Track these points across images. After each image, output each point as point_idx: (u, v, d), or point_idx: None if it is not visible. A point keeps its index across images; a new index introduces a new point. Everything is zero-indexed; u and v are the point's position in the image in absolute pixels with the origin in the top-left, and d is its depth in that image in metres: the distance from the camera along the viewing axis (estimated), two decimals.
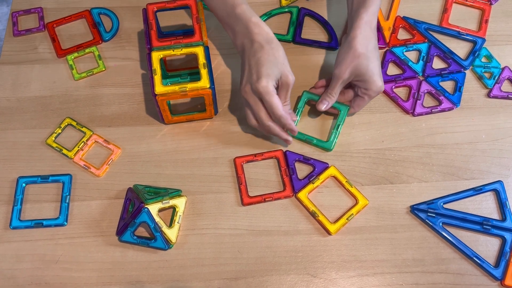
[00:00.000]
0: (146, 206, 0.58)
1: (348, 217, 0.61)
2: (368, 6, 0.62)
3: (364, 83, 0.62)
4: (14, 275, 0.58)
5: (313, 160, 0.64)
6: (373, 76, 0.61)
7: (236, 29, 0.61)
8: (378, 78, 0.62)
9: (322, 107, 0.65)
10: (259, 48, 0.58)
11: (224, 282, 0.58)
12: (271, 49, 0.58)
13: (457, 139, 0.67)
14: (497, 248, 0.60)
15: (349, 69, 0.61)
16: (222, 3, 0.62)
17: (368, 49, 0.61)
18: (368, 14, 0.62)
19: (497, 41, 0.74)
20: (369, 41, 0.61)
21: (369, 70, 0.61)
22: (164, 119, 0.66)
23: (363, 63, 0.61)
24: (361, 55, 0.60)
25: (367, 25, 0.62)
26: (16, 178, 0.63)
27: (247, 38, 0.60)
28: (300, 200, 0.62)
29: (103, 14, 0.77)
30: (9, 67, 0.72)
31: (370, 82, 0.62)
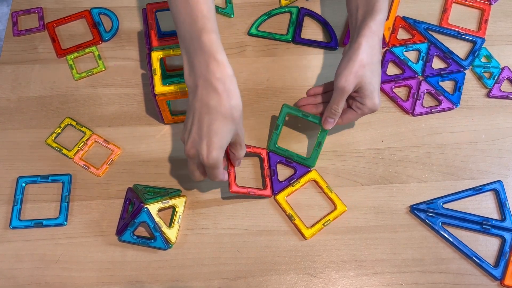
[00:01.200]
0: (146, 206, 0.58)
1: (324, 222, 0.60)
2: (375, 14, 0.57)
3: (361, 97, 0.58)
4: (14, 275, 0.58)
5: (295, 163, 0.64)
6: (373, 91, 0.57)
7: (194, 61, 0.50)
8: (376, 95, 0.57)
9: (329, 126, 0.61)
10: (217, 105, 0.48)
11: (224, 282, 0.58)
12: (229, 106, 0.49)
13: (456, 139, 0.67)
14: (497, 248, 0.60)
15: (354, 79, 0.55)
16: (189, 21, 0.50)
17: (373, 61, 0.56)
18: (376, 23, 0.56)
19: (496, 41, 0.74)
20: (375, 52, 0.56)
21: (371, 84, 0.56)
22: (164, 119, 0.66)
23: (367, 74, 0.56)
24: (367, 66, 0.55)
25: (375, 35, 0.56)
26: (16, 178, 0.63)
27: (203, 79, 0.49)
28: (278, 202, 0.62)
29: (103, 14, 0.77)
30: (9, 67, 0.72)
31: (369, 97, 0.57)
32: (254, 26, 0.75)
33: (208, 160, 0.51)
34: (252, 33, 0.75)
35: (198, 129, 0.50)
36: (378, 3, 0.57)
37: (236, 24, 0.76)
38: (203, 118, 0.50)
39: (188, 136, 0.52)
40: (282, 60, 0.73)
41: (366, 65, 0.55)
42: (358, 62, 0.55)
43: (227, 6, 0.77)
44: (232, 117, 0.49)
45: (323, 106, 0.63)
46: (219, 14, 0.76)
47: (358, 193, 0.63)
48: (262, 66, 0.72)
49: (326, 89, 0.63)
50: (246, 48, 0.74)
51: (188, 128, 0.52)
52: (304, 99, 0.64)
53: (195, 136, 0.51)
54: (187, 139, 0.52)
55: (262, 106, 0.69)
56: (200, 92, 0.49)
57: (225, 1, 0.77)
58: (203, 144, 0.50)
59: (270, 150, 0.65)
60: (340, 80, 0.56)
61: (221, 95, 0.48)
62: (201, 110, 0.50)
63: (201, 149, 0.51)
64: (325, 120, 0.61)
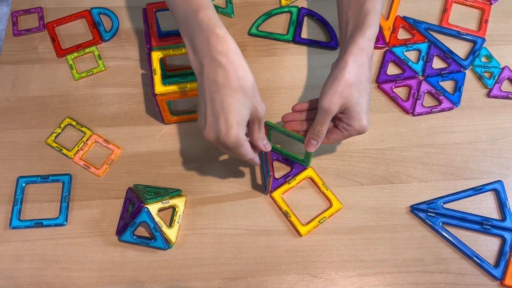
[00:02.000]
0: (146, 206, 0.58)
1: (320, 219, 0.60)
2: (364, 30, 0.53)
3: (348, 119, 0.54)
4: (14, 275, 0.58)
5: (292, 161, 0.64)
6: (360, 113, 0.53)
7: (195, 41, 0.48)
8: (364, 116, 0.53)
9: (312, 148, 0.57)
10: (224, 80, 0.47)
11: (224, 282, 0.58)
12: (237, 78, 0.47)
13: (457, 139, 0.67)
14: (497, 248, 0.60)
15: (339, 100, 0.52)
16: (183, 2, 0.49)
17: (361, 80, 0.52)
18: (365, 39, 0.52)
19: (497, 41, 0.74)
20: (363, 71, 0.53)
21: (358, 105, 0.52)
22: (164, 119, 0.66)
23: (354, 95, 0.52)
24: (353, 85, 0.52)
25: (363, 52, 0.52)
26: (16, 178, 0.63)
27: (207, 56, 0.48)
28: (274, 199, 0.62)
29: (103, 14, 0.77)
30: (9, 67, 0.72)
31: (355, 119, 0.53)
32: (254, 26, 0.75)
33: (229, 140, 0.48)
34: (252, 33, 0.75)
35: (212, 110, 0.48)
36: (369, 17, 0.54)
37: (236, 24, 0.76)
38: (214, 97, 0.47)
39: (204, 121, 0.49)
40: (282, 60, 0.73)
41: (353, 85, 0.52)
42: (344, 82, 0.52)
43: (227, 6, 0.77)
44: (242, 89, 0.47)
45: (308, 124, 0.59)
46: (219, 14, 0.76)
47: (358, 193, 0.63)
48: (262, 66, 0.72)
49: (312, 105, 0.59)
50: (246, 48, 0.73)
51: (203, 112, 0.50)
52: (289, 115, 0.60)
53: (210, 118, 0.48)
54: (203, 124, 0.50)
55: None
56: (206, 71, 0.48)
57: (225, 1, 0.77)
58: (220, 124, 0.48)
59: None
60: (325, 100, 0.52)
61: (226, 68, 0.47)
62: (211, 89, 0.48)
63: (220, 130, 0.48)
64: (308, 142, 0.57)
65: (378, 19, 0.54)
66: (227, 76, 0.47)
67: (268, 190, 0.61)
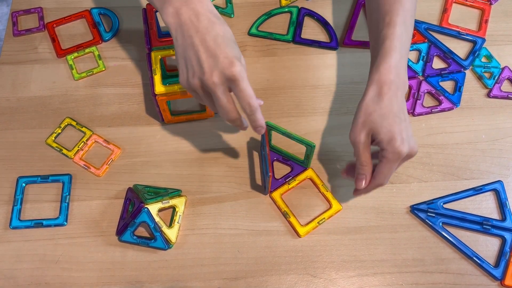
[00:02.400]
0: (146, 206, 0.58)
1: (319, 221, 0.60)
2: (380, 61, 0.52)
3: (379, 143, 0.51)
4: (14, 275, 0.58)
5: (292, 161, 0.64)
6: (388, 133, 0.50)
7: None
8: (395, 135, 0.50)
9: (361, 184, 0.54)
10: (211, 23, 0.47)
11: (224, 282, 0.58)
12: (222, 25, 0.47)
13: (457, 139, 0.67)
14: (497, 248, 0.60)
15: (363, 129, 0.52)
16: None
17: (381, 106, 0.51)
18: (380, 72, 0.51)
19: (497, 41, 0.74)
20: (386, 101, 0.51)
21: (384, 128, 0.50)
22: (164, 119, 0.66)
23: (376, 120, 0.51)
24: (373, 113, 0.51)
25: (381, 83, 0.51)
26: (16, 178, 0.63)
27: (186, 7, 0.47)
28: (274, 199, 0.62)
29: (103, 14, 0.77)
30: (9, 67, 0.72)
31: (385, 142, 0.50)
32: (254, 26, 0.75)
33: (235, 70, 0.46)
34: (252, 33, 0.75)
35: (206, 51, 0.46)
36: (388, 40, 0.52)
37: (236, 24, 0.76)
38: (205, 38, 0.46)
39: (198, 68, 0.47)
40: (282, 60, 0.73)
41: (373, 112, 0.51)
42: (363, 112, 0.52)
43: (227, 6, 0.77)
44: (230, 33, 0.48)
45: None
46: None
47: None
48: (262, 66, 0.72)
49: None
50: (246, 48, 0.73)
51: (194, 61, 0.47)
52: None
53: (207, 59, 0.46)
54: (198, 72, 0.47)
55: (262, 106, 0.69)
56: (189, 23, 0.47)
57: (225, 1, 0.77)
58: (221, 59, 0.46)
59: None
60: (350, 135, 0.53)
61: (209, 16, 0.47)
62: (201, 36, 0.46)
63: (221, 64, 0.46)
64: (358, 178, 0.55)
65: (397, 45, 0.52)
66: (215, 23, 0.47)
67: (267, 190, 0.61)
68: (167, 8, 0.47)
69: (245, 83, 0.47)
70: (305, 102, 0.69)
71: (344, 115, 0.68)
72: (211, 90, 0.48)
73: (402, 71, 0.53)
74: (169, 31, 0.49)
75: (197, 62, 0.47)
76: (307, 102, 0.69)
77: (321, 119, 0.68)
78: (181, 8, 0.47)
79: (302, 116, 0.68)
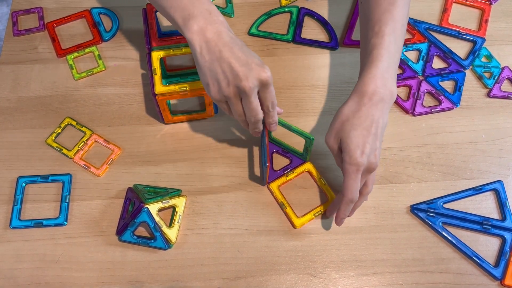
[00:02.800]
0: (146, 206, 0.58)
1: (315, 213, 0.61)
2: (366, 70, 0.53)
3: (342, 153, 0.53)
4: (14, 275, 0.58)
5: (291, 154, 0.64)
6: (350, 144, 0.52)
7: (195, 12, 0.50)
8: (356, 148, 0.51)
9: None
10: (232, 39, 0.50)
11: (224, 282, 0.58)
12: (240, 40, 0.52)
13: (457, 139, 0.67)
14: (497, 248, 0.60)
15: (335, 135, 0.54)
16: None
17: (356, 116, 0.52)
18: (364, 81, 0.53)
19: (497, 41, 0.74)
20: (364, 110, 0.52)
21: (349, 138, 0.52)
22: (164, 119, 0.66)
23: (346, 129, 0.52)
24: (346, 121, 0.53)
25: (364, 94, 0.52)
26: (16, 178, 0.63)
27: (211, 26, 0.50)
28: (271, 190, 0.62)
29: (103, 14, 0.77)
30: (9, 67, 0.72)
31: (345, 151, 0.52)
32: (254, 26, 0.75)
33: (267, 75, 0.50)
34: (252, 33, 0.75)
35: (238, 61, 0.49)
36: (375, 50, 0.53)
37: (236, 24, 0.76)
38: (234, 49, 0.50)
39: (232, 77, 0.50)
40: (282, 60, 0.73)
41: (345, 121, 0.53)
42: (339, 118, 0.53)
43: (227, 6, 0.77)
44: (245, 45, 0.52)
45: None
46: None
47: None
48: None
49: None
50: None
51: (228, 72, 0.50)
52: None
53: (240, 68, 0.49)
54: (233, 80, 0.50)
55: None
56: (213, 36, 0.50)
57: (225, 1, 0.77)
58: (253, 66, 0.50)
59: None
60: (325, 138, 0.56)
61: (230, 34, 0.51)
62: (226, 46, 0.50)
63: (254, 70, 0.49)
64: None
65: (385, 54, 0.53)
66: (232, 37, 0.51)
67: (265, 181, 0.61)
68: (192, 26, 0.50)
69: (272, 86, 0.52)
70: (304, 102, 0.69)
71: None
72: (247, 95, 0.51)
73: (389, 81, 0.53)
74: (192, 46, 0.51)
75: (231, 71, 0.50)
76: (307, 102, 0.69)
77: (321, 119, 0.68)
78: (206, 27, 0.50)
79: (302, 116, 0.68)
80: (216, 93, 0.52)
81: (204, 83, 0.53)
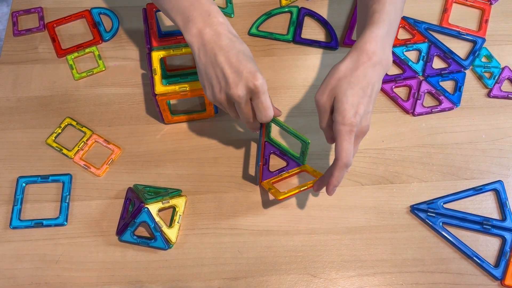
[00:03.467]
0: (146, 206, 0.58)
1: (301, 187, 0.57)
2: (367, 30, 0.51)
3: (335, 113, 0.50)
4: (14, 275, 0.58)
5: (288, 157, 0.64)
6: (345, 103, 0.49)
7: (194, 14, 0.51)
8: (350, 107, 0.49)
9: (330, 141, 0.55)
10: (232, 42, 0.50)
11: (224, 282, 0.58)
12: (241, 43, 0.51)
13: (457, 139, 0.67)
14: (497, 248, 0.60)
15: (328, 92, 0.50)
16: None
17: (354, 75, 0.50)
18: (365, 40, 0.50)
19: (497, 41, 0.74)
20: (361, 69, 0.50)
21: (345, 96, 0.49)
22: (164, 119, 0.66)
23: (342, 86, 0.50)
24: (343, 78, 0.50)
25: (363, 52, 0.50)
26: (16, 178, 0.63)
27: (209, 27, 0.50)
28: (262, 185, 0.62)
29: (103, 14, 0.77)
30: (9, 67, 0.72)
31: (338, 110, 0.49)
32: (254, 26, 0.75)
33: (258, 82, 0.49)
34: (252, 33, 0.75)
35: (231, 67, 0.49)
36: (373, 17, 0.52)
37: (236, 24, 0.76)
38: (229, 56, 0.49)
39: (224, 83, 0.50)
40: (282, 60, 0.73)
41: (343, 78, 0.50)
42: (335, 75, 0.50)
43: (227, 6, 0.77)
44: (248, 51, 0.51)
45: None
46: None
47: (358, 193, 0.63)
48: (262, 66, 0.72)
49: None
50: None
51: (220, 77, 0.50)
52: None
53: (231, 75, 0.49)
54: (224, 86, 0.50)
55: None
56: (212, 41, 0.50)
57: (225, 1, 0.77)
58: (244, 73, 0.49)
59: (265, 140, 0.64)
60: (316, 94, 0.52)
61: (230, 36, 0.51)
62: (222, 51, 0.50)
63: (245, 77, 0.49)
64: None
65: (386, 19, 0.52)
66: (236, 42, 0.51)
67: (258, 181, 0.61)
68: (191, 29, 0.51)
69: (265, 96, 0.51)
70: (305, 102, 0.69)
71: None
72: (237, 102, 0.51)
73: (387, 47, 0.52)
74: (192, 49, 0.52)
75: (223, 77, 0.50)
76: (307, 102, 0.69)
77: None
78: (204, 29, 0.50)
79: (302, 116, 0.68)
80: (210, 96, 0.53)
81: (201, 84, 0.54)
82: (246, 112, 0.53)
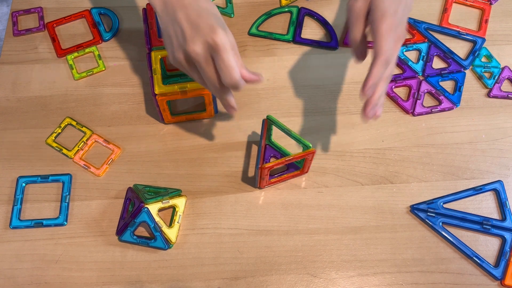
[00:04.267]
0: (146, 206, 0.58)
1: (287, 158, 0.56)
2: None
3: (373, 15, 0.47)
4: (14, 275, 0.58)
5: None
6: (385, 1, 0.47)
7: None
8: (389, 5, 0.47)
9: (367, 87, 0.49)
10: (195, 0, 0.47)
11: (224, 282, 0.58)
12: (207, 2, 0.48)
13: (457, 139, 0.67)
14: (497, 248, 0.60)
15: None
16: None
17: None
18: None
19: (497, 41, 0.74)
20: None
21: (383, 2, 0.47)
22: (164, 119, 0.66)
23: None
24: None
25: None
26: (16, 178, 0.63)
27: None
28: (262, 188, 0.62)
29: (103, 14, 0.77)
30: (9, 67, 0.72)
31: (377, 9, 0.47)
32: (254, 26, 0.75)
33: (215, 38, 0.45)
34: (252, 33, 0.75)
35: (189, 22, 0.46)
36: None
37: (236, 24, 0.76)
38: (190, 13, 0.46)
39: (182, 40, 0.47)
40: (282, 60, 0.73)
41: None
42: None
43: (227, 6, 0.77)
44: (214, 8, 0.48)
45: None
46: None
47: (358, 193, 0.63)
48: (262, 66, 0.72)
49: None
50: (246, 48, 0.74)
51: (179, 35, 0.47)
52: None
53: (190, 31, 0.46)
54: (182, 44, 0.47)
55: (262, 106, 0.69)
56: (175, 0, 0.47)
57: (225, 1, 0.77)
58: (203, 27, 0.45)
59: (266, 143, 0.64)
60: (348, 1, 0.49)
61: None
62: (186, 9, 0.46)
63: (203, 32, 0.45)
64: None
65: None
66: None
67: (257, 183, 0.61)
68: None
69: (226, 53, 0.45)
70: (305, 102, 0.69)
71: (344, 114, 0.68)
72: (195, 60, 0.47)
73: None
74: (155, 11, 0.48)
75: (181, 33, 0.47)
76: (307, 102, 0.69)
77: (321, 119, 0.68)
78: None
79: (302, 116, 0.68)
80: (170, 57, 0.49)
81: (165, 47, 0.50)
82: (208, 73, 0.48)
